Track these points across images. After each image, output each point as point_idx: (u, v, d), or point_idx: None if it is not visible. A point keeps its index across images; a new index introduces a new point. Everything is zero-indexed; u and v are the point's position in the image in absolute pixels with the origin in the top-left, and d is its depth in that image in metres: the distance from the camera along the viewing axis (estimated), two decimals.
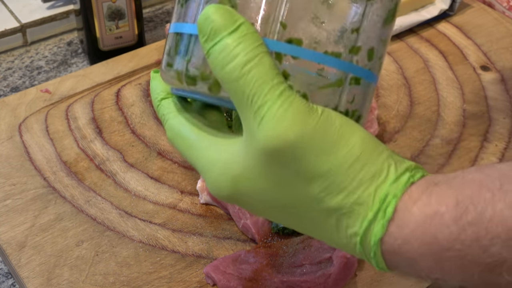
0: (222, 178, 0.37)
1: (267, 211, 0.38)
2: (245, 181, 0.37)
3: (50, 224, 0.61)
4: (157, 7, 0.99)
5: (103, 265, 0.57)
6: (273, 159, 0.35)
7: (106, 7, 0.80)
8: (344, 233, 0.36)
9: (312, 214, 0.36)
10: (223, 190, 0.38)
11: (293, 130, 0.34)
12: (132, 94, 0.76)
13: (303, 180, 0.35)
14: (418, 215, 0.34)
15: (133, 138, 0.70)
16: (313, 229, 0.37)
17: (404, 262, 0.35)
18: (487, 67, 0.80)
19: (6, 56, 0.88)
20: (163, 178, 0.65)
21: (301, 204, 0.36)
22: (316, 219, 0.37)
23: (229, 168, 0.37)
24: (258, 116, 0.35)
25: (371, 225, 0.35)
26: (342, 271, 0.54)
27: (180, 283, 0.56)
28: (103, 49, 0.83)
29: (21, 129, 0.70)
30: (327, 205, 0.35)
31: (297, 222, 0.38)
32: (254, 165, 0.36)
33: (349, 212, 0.35)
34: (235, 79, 0.35)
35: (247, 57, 0.35)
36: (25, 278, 0.56)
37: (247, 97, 0.35)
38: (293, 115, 0.35)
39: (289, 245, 0.56)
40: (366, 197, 0.35)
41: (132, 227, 0.60)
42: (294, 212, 0.37)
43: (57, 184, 0.64)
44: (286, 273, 0.54)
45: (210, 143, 0.39)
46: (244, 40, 0.35)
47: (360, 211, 0.35)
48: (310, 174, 0.35)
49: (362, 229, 0.35)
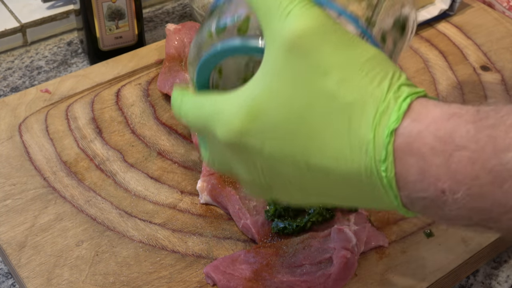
0: (236, 108, 0.38)
1: (276, 156, 0.38)
2: (263, 97, 0.37)
3: (50, 224, 0.61)
4: (157, 7, 0.99)
5: (103, 265, 0.57)
6: (295, 51, 0.36)
7: (106, 7, 0.80)
8: (357, 133, 0.35)
9: (325, 118, 0.36)
10: (236, 124, 0.38)
11: (317, 20, 0.36)
12: (132, 94, 0.76)
13: (320, 72, 0.36)
14: (435, 112, 0.34)
15: (133, 138, 0.70)
16: (324, 142, 0.36)
17: (414, 166, 0.34)
18: (487, 67, 0.80)
19: (6, 56, 0.88)
20: (163, 178, 0.66)
21: (316, 106, 0.36)
22: (328, 124, 0.36)
23: (247, 92, 0.38)
24: (285, 12, 0.37)
25: (384, 117, 0.35)
26: (342, 271, 0.54)
27: (180, 283, 0.56)
28: (103, 49, 0.83)
29: (21, 129, 0.70)
30: (341, 100, 0.36)
31: (308, 144, 0.37)
32: (274, 69, 0.37)
33: (363, 106, 0.35)
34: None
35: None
36: (25, 278, 0.56)
37: (276, 1, 0.37)
38: (318, 11, 0.37)
39: (289, 245, 0.56)
40: (380, 91, 0.35)
41: (132, 227, 0.61)
42: (306, 129, 0.37)
43: (57, 184, 0.64)
44: (286, 273, 0.54)
45: (226, 94, 0.40)
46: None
47: (373, 105, 0.35)
48: (328, 64, 0.36)
49: (375, 120, 0.35)
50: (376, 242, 0.58)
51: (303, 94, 0.36)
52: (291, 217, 0.58)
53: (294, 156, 0.37)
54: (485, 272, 0.62)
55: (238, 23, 0.40)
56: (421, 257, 0.58)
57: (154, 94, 0.76)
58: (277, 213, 0.58)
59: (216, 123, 0.39)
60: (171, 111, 0.73)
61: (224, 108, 0.39)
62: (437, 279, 0.56)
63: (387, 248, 0.59)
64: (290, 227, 0.57)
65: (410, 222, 0.61)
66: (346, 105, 0.35)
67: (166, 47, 0.78)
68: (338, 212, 0.59)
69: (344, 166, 0.36)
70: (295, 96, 0.37)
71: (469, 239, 0.59)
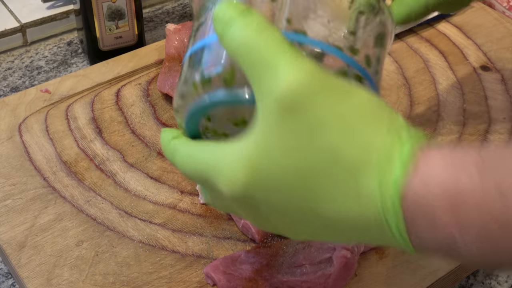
0: (236, 164, 0.37)
1: (282, 205, 0.37)
2: (262, 156, 0.36)
3: (50, 224, 0.61)
4: (157, 7, 0.99)
5: (103, 265, 0.57)
6: (289, 109, 0.35)
7: (106, 7, 0.80)
8: (363, 189, 0.35)
9: (329, 174, 0.35)
10: (239, 179, 0.37)
11: (307, 72, 0.35)
12: (132, 94, 0.76)
13: (319, 128, 0.35)
14: (438, 162, 0.34)
15: (133, 138, 0.70)
16: (331, 196, 0.36)
17: (423, 219, 0.34)
18: (487, 67, 0.80)
19: (6, 56, 0.88)
20: (163, 178, 0.66)
21: (319, 162, 0.36)
22: (333, 179, 0.36)
23: (244, 149, 0.37)
24: (272, 67, 0.35)
25: (388, 173, 0.34)
26: (342, 271, 0.54)
27: (180, 283, 0.56)
28: (103, 49, 0.83)
29: (21, 129, 0.70)
30: (344, 157, 0.35)
31: (314, 197, 0.37)
32: (270, 127, 0.36)
33: (366, 162, 0.35)
34: (250, 42, 0.36)
35: (260, 25, 0.36)
36: (25, 278, 0.56)
37: (262, 56, 0.36)
38: (310, 65, 0.36)
39: (289, 245, 0.56)
40: (381, 143, 0.35)
41: (132, 227, 0.61)
42: (311, 184, 0.36)
43: (57, 184, 0.64)
44: (286, 273, 0.54)
45: (222, 146, 0.39)
46: (257, 18, 0.37)
47: (376, 160, 0.35)
48: (326, 118, 0.35)
49: (380, 176, 0.35)
50: None
51: (303, 151, 0.36)
52: None
53: (301, 208, 0.37)
54: (485, 272, 0.62)
55: (223, 74, 0.39)
56: (421, 257, 0.58)
57: (154, 94, 0.76)
58: None
59: (217, 177, 0.38)
60: (171, 111, 0.73)
61: (224, 162, 0.38)
62: (437, 279, 0.56)
63: (387, 248, 0.59)
64: None
65: None
66: (349, 161, 0.35)
67: (166, 47, 0.78)
68: None
69: (352, 217, 0.36)
70: (295, 154, 0.36)
71: None
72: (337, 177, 0.35)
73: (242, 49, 0.36)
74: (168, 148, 0.43)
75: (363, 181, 0.35)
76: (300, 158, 0.36)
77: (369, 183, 0.35)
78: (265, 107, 0.36)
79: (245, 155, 0.37)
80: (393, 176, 0.34)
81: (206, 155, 0.39)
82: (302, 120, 0.35)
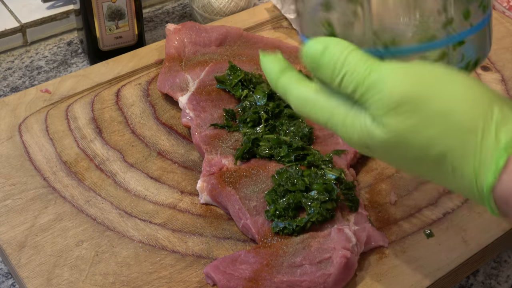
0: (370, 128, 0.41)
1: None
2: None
3: (50, 224, 0.61)
4: (157, 7, 0.99)
5: (103, 265, 0.57)
6: (402, 107, 0.39)
7: (106, 7, 0.80)
8: (460, 180, 0.39)
9: (429, 162, 0.40)
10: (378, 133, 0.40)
11: (417, 77, 0.39)
12: (132, 94, 0.76)
13: (425, 125, 0.39)
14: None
15: (133, 138, 0.70)
16: (433, 175, 0.41)
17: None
18: (487, 67, 0.80)
19: (6, 56, 0.88)
20: (163, 178, 0.66)
21: (421, 148, 0.39)
22: (433, 167, 0.40)
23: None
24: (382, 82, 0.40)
25: (482, 171, 0.38)
26: (342, 271, 0.54)
27: (180, 283, 0.56)
28: (103, 49, 0.83)
29: (21, 129, 0.70)
30: (440, 149, 0.39)
31: (416, 167, 0.41)
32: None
33: (462, 157, 0.38)
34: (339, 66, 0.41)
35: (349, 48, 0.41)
36: (25, 278, 0.56)
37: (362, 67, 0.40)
38: (412, 65, 0.40)
39: (289, 245, 0.56)
40: (478, 144, 0.38)
41: (132, 227, 0.60)
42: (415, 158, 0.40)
43: (57, 184, 0.64)
44: (286, 273, 0.54)
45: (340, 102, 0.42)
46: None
47: (472, 160, 0.38)
48: (432, 113, 0.38)
49: (474, 177, 0.38)
50: (376, 242, 0.58)
51: (411, 149, 0.40)
52: (291, 217, 0.58)
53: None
54: (485, 272, 0.62)
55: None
56: (421, 257, 0.58)
57: (154, 94, 0.76)
58: (277, 213, 0.58)
59: (341, 131, 0.42)
60: (171, 111, 0.73)
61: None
62: (437, 279, 0.56)
63: (387, 248, 0.59)
64: (290, 227, 0.57)
65: (410, 222, 0.61)
66: (444, 154, 0.39)
67: (166, 47, 0.78)
68: (338, 212, 0.59)
69: (454, 188, 0.41)
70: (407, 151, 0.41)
71: (469, 239, 0.59)
72: (436, 166, 0.40)
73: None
74: (277, 83, 0.45)
75: (459, 177, 0.39)
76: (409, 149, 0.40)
77: (465, 181, 0.39)
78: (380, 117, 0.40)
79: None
80: (485, 178, 0.38)
81: (326, 111, 0.43)
82: (414, 116, 0.39)
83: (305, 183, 0.60)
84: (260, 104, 0.68)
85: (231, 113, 0.68)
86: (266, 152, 0.64)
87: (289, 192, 0.59)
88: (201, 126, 0.67)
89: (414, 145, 0.39)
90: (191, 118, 0.68)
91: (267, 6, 0.91)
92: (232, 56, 0.77)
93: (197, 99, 0.70)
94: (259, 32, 0.86)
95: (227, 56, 0.77)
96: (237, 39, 0.81)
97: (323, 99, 0.43)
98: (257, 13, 0.90)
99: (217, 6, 0.91)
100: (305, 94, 0.44)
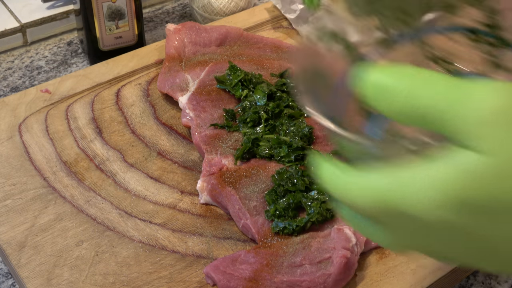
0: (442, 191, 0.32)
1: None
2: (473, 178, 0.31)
3: (50, 224, 0.61)
4: (157, 7, 0.99)
5: (103, 265, 0.57)
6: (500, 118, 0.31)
7: (106, 7, 0.80)
8: None
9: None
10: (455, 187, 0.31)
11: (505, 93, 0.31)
12: (132, 94, 0.76)
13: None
14: None
15: (133, 138, 0.70)
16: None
17: None
18: None
19: (6, 56, 0.88)
20: (163, 178, 0.66)
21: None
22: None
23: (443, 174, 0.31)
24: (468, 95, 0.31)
25: None
26: (342, 271, 0.54)
27: (180, 283, 0.56)
28: (103, 49, 0.83)
29: (21, 129, 0.70)
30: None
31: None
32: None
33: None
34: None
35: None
36: (25, 278, 0.56)
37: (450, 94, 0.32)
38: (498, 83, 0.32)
39: (289, 245, 0.56)
40: None
41: (132, 227, 0.61)
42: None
43: (57, 184, 0.64)
44: (286, 273, 0.54)
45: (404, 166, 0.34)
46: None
47: None
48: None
49: None
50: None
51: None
52: (291, 217, 0.58)
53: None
54: (485, 272, 0.62)
55: None
56: (421, 257, 0.58)
57: (154, 94, 0.76)
58: (277, 213, 0.58)
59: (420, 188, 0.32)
60: (171, 111, 0.73)
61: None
62: (437, 279, 0.56)
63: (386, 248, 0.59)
64: (290, 227, 0.57)
65: None
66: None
67: (166, 47, 0.78)
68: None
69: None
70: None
71: None
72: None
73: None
74: (337, 186, 0.35)
75: None
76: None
77: None
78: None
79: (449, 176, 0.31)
80: None
81: (387, 182, 0.33)
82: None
83: (305, 183, 0.60)
84: (260, 104, 0.68)
85: (231, 113, 0.68)
86: (266, 152, 0.64)
87: (289, 192, 0.59)
88: (201, 126, 0.67)
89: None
90: (191, 118, 0.68)
91: (267, 6, 0.91)
92: (232, 56, 0.77)
93: (197, 99, 0.70)
94: (259, 32, 0.86)
95: (227, 56, 0.77)
96: (237, 39, 0.81)
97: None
98: (257, 13, 0.90)
99: (217, 6, 0.91)
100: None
